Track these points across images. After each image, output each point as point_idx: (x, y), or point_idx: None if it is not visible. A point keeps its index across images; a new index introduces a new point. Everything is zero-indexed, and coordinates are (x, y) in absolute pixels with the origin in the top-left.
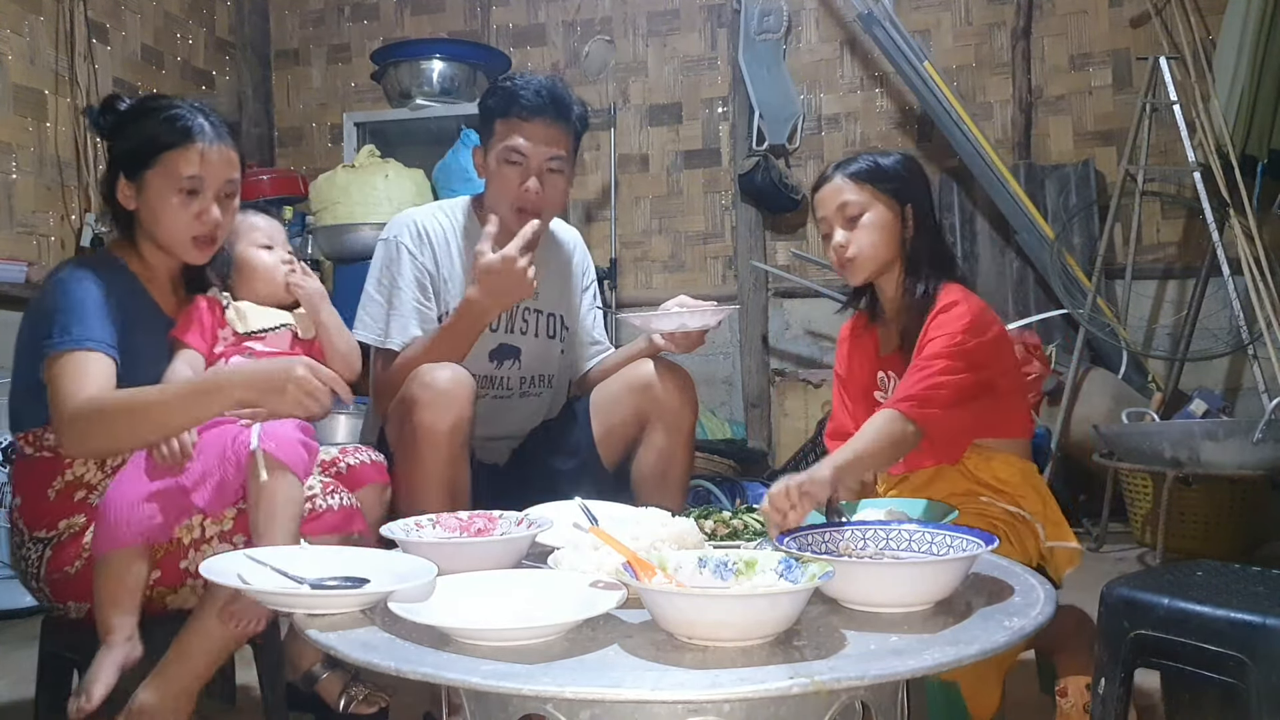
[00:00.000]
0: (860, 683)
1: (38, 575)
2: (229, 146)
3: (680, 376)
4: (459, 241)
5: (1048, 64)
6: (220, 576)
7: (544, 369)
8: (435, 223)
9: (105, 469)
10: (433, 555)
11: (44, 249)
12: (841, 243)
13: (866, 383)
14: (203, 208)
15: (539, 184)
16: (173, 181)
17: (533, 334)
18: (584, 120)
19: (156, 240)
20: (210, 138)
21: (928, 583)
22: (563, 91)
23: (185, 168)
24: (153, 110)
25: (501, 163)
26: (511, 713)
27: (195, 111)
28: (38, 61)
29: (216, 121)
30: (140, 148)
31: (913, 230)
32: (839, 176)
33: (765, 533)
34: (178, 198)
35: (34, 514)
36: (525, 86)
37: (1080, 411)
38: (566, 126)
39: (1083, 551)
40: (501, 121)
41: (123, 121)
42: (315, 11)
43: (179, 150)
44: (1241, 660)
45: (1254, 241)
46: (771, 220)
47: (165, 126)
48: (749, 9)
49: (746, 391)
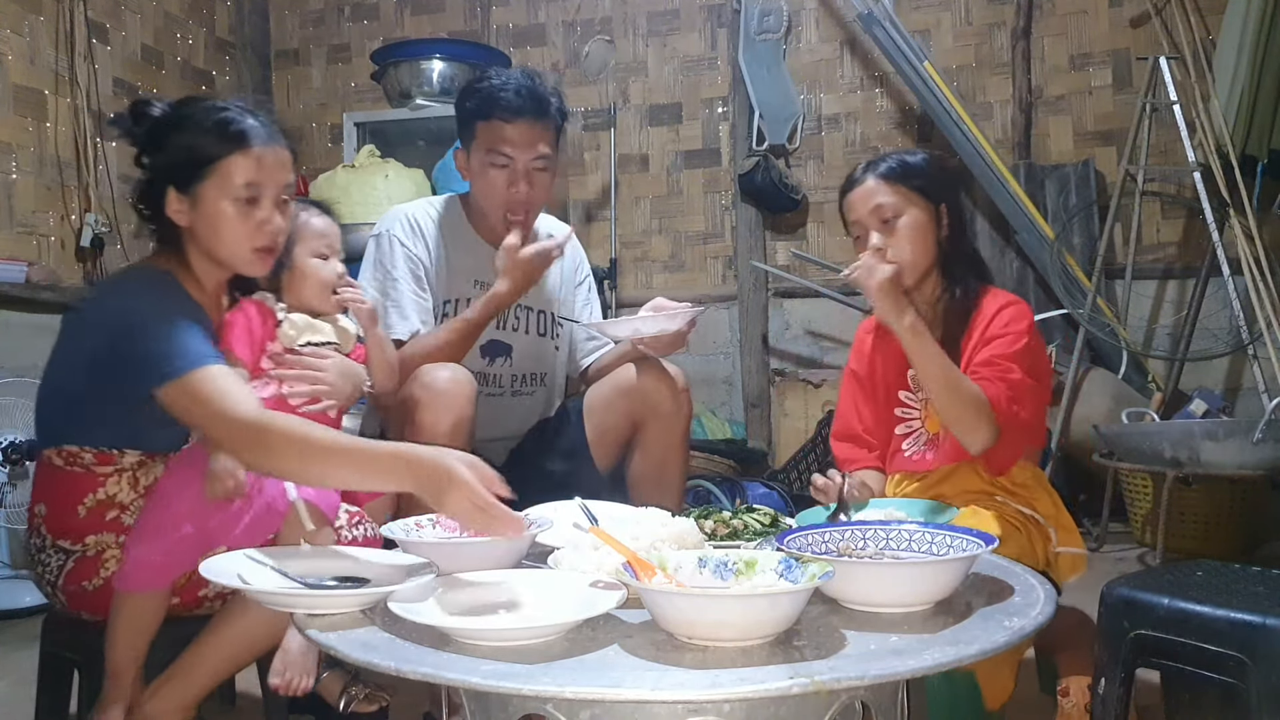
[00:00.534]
0: (860, 683)
1: (55, 583)
2: (283, 146)
3: (672, 378)
4: (446, 235)
5: (1048, 64)
6: (220, 576)
7: (536, 367)
8: (426, 215)
9: (138, 488)
10: (433, 555)
11: (44, 249)
12: (879, 245)
13: (892, 382)
14: (264, 217)
15: (527, 185)
16: (230, 191)
17: (523, 330)
18: (563, 112)
19: (215, 255)
20: (265, 139)
21: (928, 583)
22: (540, 88)
23: (243, 175)
24: (198, 115)
25: (486, 166)
26: (511, 713)
27: (244, 112)
28: (38, 61)
29: (266, 120)
30: (191, 157)
31: (948, 230)
32: (870, 178)
33: (765, 533)
34: (236, 208)
35: (61, 525)
36: (504, 88)
37: (1080, 411)
38: (548, 123)
39: (1087, 558)
40: (483, 124)
41: (162, 129)
42: (315, 11)
43: (234, 157)
44: (1241, 660)
45: (1254, 241)
46: (771, 220)
47: (216, 132)
48: (749, 9)
49: (746, 391)
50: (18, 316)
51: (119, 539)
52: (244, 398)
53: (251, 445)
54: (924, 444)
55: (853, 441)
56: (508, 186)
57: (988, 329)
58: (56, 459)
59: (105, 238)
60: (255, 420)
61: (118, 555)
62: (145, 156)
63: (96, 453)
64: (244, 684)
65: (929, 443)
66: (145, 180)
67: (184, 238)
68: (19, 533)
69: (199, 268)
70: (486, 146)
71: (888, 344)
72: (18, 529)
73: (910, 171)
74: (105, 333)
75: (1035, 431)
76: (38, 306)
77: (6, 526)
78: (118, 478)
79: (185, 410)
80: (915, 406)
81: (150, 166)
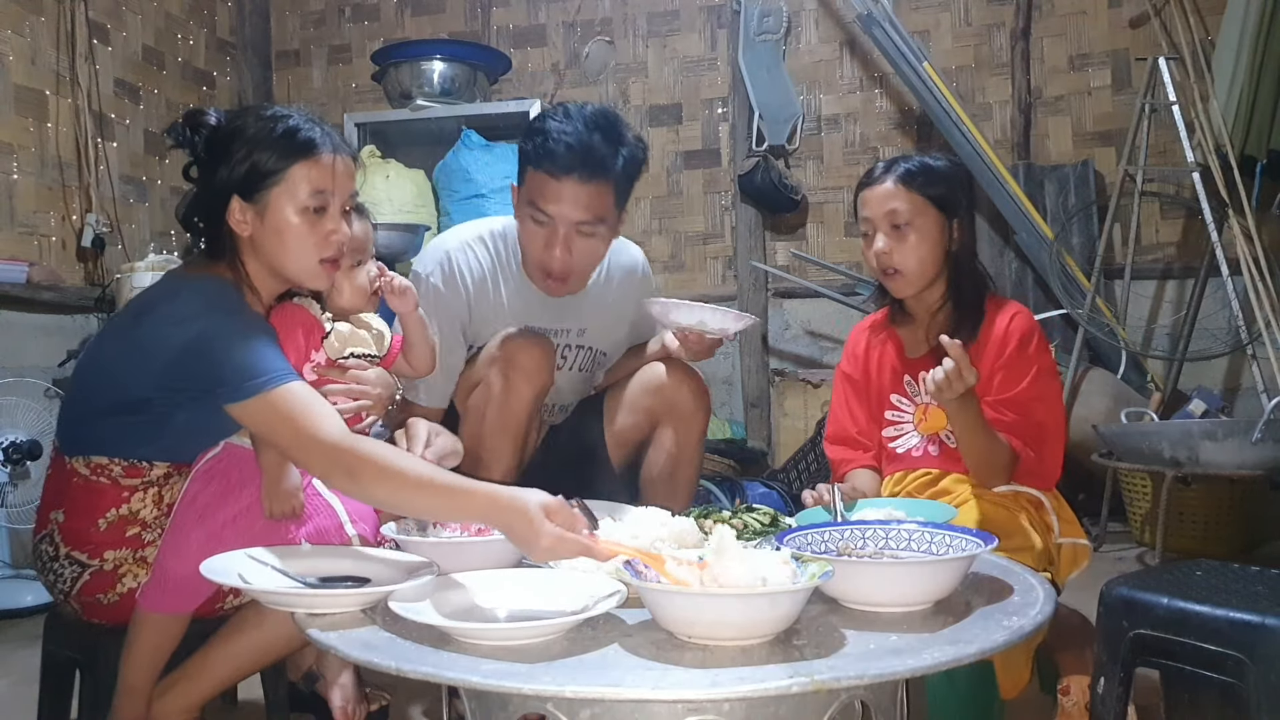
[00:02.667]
0: (860, 682)
1: (68, 592)
2: (348, 155)
3: (695, 379)
4: (494, 272)
5: (1047, 64)
6: (222, 576)
7: (565, 399)
8: (470, 258)
9: (162, 505)
10: (433, 555)
11: (45, 249)
12: (884, 249)
13: (886, 385)
14: (332, 227)
15: (566, 249)
16: (299, 200)
17: (569, 368)
18: (632, 162)
19: (281, 266)
20: (332, 148)
21: (927, 582)
22: (601, 143)
23: (311, 184)
24: (264, 122)
25: (528, 219)
26: (511, 712)
27: (310, 121)
28: (38, 62)
29: (331, 130)
30: (258, 166)
31: (958, 245)
32: (890, 181)
33: (765, 532)
34: (304, 217)
35: (78, 536)
36: (560, 138)
37: (1079, 411)
38: (604, 182)
39: (1090, 551)
40: (533, 171)
41: (223, 138)
42: (316, 12)
43: (303, 165)
44: (1241, 660)
45: (1253, 242)
46: (771, 220)
47: (287, 139)
48: (749, 9)
49: (746, 391)
50: (18, 316)
51: (137, 554)
52: (329, 418)
53: (338, 469)
54: (920, 442)
55: (846, 444)
56: (544, 247)
57: (1003, 348)
58: (82, 468)
59: (106, 238)
60: (342, 444)
61: (134, 571)
62: (201, 167)
63: (126, 465)
64: (244, 687)
65: (928, 440)
66: (201, 191)
67: (242, 249)
68: (19, 533)
69: (258, 279)
70: (529, 198)
71: (884, 347)
72: (18, 529)
73: (931, 178)
74: (173, 344)
75: (1055, 466)
76: (38, 306)
77: (7, 526)
78: (143, 493)
79: (267, 427)
80: (907, 411)
81: (208, 177)
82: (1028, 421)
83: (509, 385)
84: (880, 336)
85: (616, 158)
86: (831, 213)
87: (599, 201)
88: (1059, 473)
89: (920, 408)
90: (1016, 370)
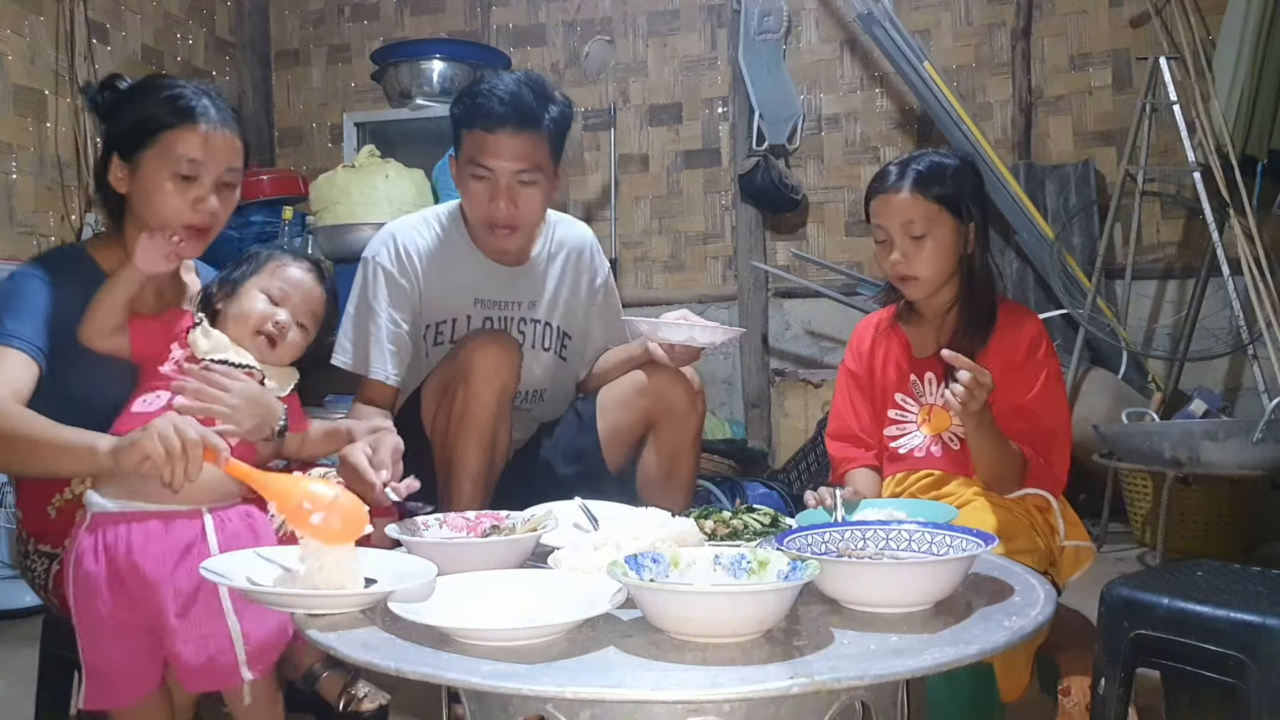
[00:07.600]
0: (860, 682)
1: (45, 586)
2: (233, 133)
3: (689, 381)
4: (442, 252)
5: (1048, 64)
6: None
7: (534, 384)
8: (417, 237)
9: None
10: (434, 556)
11: (44, 249)
12: (899, 260)
13: (891, 384)
14: (200, 195)
15: (510, 199)
16: (170, 164)
17: (530, 345)
18: (561, 119)
19: (147, 226)
20: (214, 121)
21: (928, 583)
22: (529, 96)
23: (184, 150)
24: (154, 88)
25: (469, 178)
26: (511, 713)
27: (200, 93)
28: (38, 61)
29: (222, 105)
30: (138, 126)
31: (973, 249)
32: (907, 190)
33: (765, 533)
34: (173, 182)
35: (38, 529)
36: (489, 94)
37: (1080, 411)
38: (536, 133)
39: (1094, 552)
40: (467, 133)
41: (122, 100)
42: (315, 11)
43: (178, 131)
44: (1241, 660)
45: (1254, 241)
46: (771, 220)
47: (166, 105)
48: (749, 9)
49: (746, 391)
50: None
51: None
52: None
53: None
54: (923, 443)
55: (849, 441)
56: (488, 201)
57: (1012, 353)
58: None
59: None
60: None
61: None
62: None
63: None
64: None
65: (931, 440)
66: (103, 150)
67: (126, 213)
68: None
69: (133, 242)
70: (468, 157)
71: (889, 345)
72: None
73: (946, 182)
74: None
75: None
76: None
77: (6, 526)
78: None
79: None
80: (912, 411)
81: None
82: (1037, 428)
83: (470, 390)
84: (886, 334)
85: (545, 111)
86: (832, 212)
87: (535, 151)
88: (1067, 478)
89: (925, 408)
90: (1026, 376)
